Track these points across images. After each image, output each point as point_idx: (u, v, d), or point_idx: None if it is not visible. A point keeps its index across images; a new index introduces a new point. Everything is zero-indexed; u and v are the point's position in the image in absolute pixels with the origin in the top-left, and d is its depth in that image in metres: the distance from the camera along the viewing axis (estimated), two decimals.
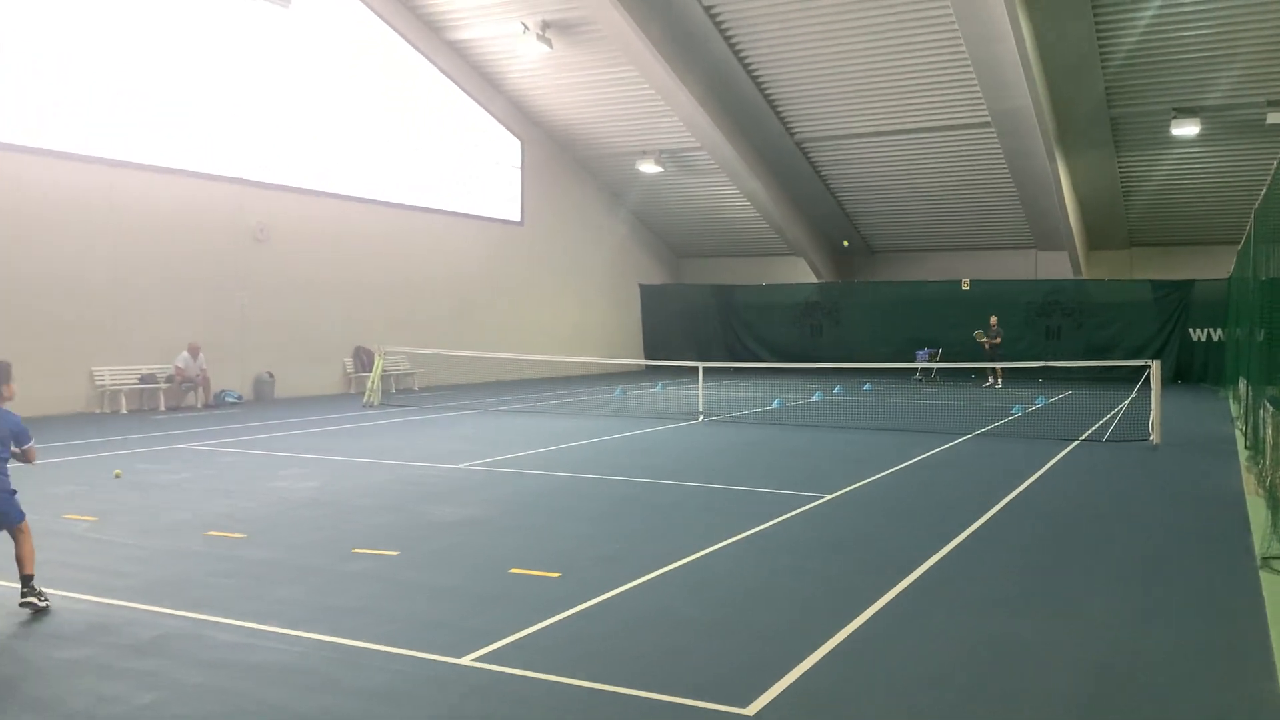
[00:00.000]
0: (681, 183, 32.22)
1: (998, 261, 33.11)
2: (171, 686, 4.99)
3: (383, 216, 25.25)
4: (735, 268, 36.95)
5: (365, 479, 11.28)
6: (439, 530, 8.59)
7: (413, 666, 5.25)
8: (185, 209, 20.53)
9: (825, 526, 8.86)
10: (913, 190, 30.54)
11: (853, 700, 4.82)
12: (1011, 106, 23.50)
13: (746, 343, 34.66)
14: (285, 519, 9.04)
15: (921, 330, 31.18)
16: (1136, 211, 29.79)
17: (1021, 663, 5.35)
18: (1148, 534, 8.64)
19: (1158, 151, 26.21)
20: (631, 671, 5.15)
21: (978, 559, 7.65)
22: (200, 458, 12.98)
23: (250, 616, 6.10)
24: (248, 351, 21.89)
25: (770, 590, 6.79)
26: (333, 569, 7.25)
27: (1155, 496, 10.50)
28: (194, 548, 7.92)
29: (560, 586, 6.76)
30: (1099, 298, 29.83)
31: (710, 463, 12.74)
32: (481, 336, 27.60)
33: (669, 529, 8.69)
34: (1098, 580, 7.06)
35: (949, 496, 10.41)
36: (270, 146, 22.48)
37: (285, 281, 22.65)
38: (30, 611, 6.18)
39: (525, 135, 30.10)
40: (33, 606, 6.20)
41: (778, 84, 26.09)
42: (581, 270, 32.90)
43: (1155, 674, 5.21)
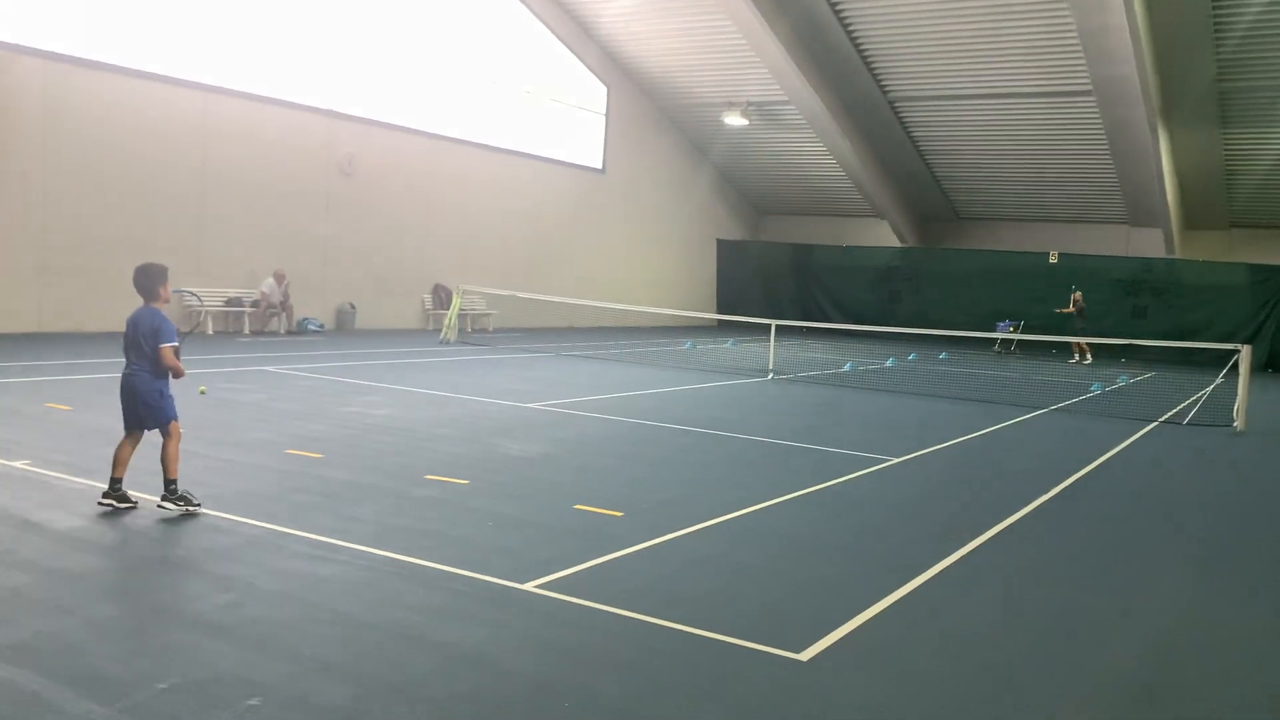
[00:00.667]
0: (766, 137, 31.84)
1: (1088, 236, 32.19)
2: (247, 589, 5.22)
3: (468, 156, 25.44)
4: (815, 227, 36.50)
5: (439, 411, 11.53)
6: (508, 463, 8.77)
7: (475, 588, 5.41)
8: (275, 138, 20.93)
9: (890, 488, 8.84)
10: (1005, 157, 29.77)
11: (906, 655, 4.85)
12: (1115, 75, 22.69)
13: (822, 304, 34.35)
14: (361, 442, 9.30)
15: (1004, 302, 30.54)
16: (1239, 192, 28.65)
17: (1080, 634, 5.32)
18: (1222, 518, 8.46)
19: (1267, 130, 25.12)
20: (687, 610, 5.25)
21: (1042, 531, 7.58)
22: (282, 380, 13.37)
23: (323, 531, 6.32)
24: (330, 282, 22.36)
25: (830, 545, 6.82)
26: (404, 492, 7.47)
27: (1232, 482, 10.25)
28: (273, 464, 8.20)
29: (622, 525, 6.88)
30: (1191, 278, 28.90)
31: (777, 419, 12.74)
32: (557, 282, 27.77)
33: (732, 479, 8.75)
34: (1164, 560, 6.96)
35: (1018, 469, 10.29)
36: (361, 81, 22.75)
37: (369, 215, 23.02)
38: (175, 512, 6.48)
39: (612, 82, 29.97)
40: (166, 510, 6.50)
41: (872, 38, 25.53)
42: (660, 221, 32.82)
43: (1219, 653, 5.14)
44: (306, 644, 4.54)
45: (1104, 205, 31.03)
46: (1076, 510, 8.38)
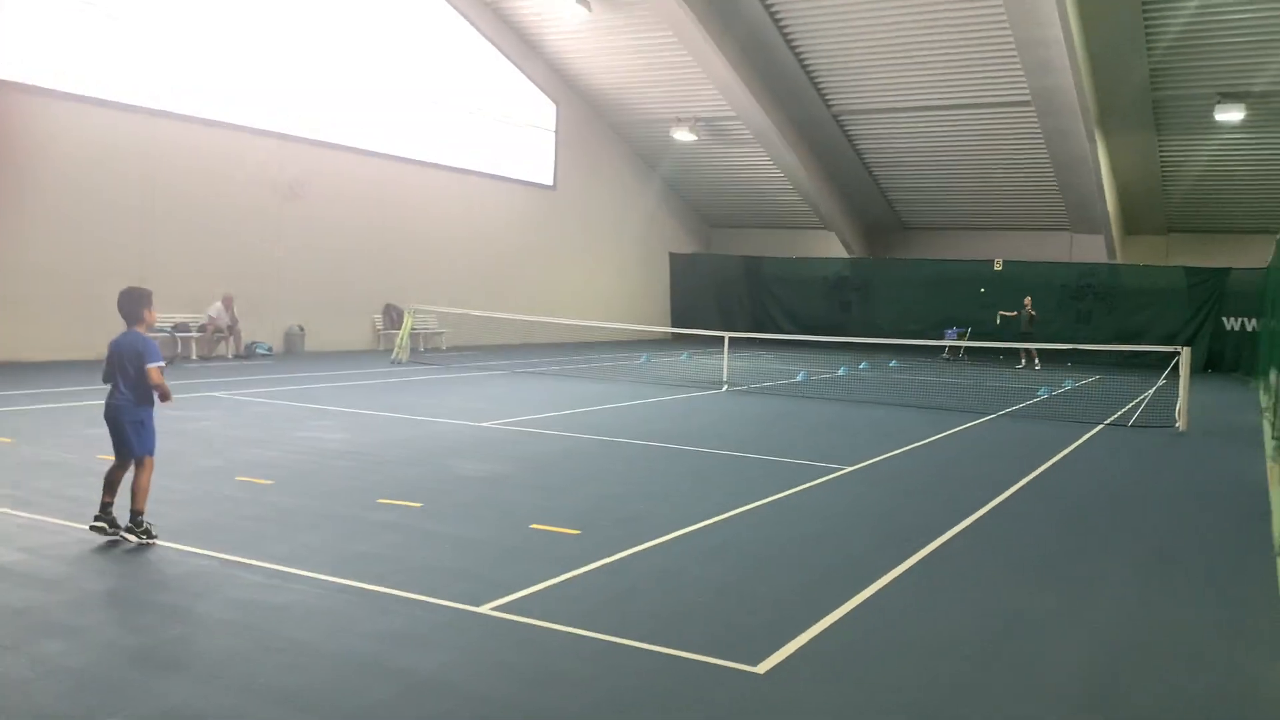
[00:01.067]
0: (715, 152, 32.08)
1: (1032, 243, 32.78)
2: (198, 621, 5.14)
3: (416, 176, 25.34)
4: (765, 239, 36.80)
5: (392, 433, 11.44)
6: (463, 484, 8.72)
7: (432, 612, 5.38)
8: (221, 161, 20.69)
9: (844, 497, 8.92)
10: (949, 167, 30.25)
11: (862, 664, 4.90)
12: (1052, 85, 23.19)
13: (774, 315, 34.60)
14: (313, 468, 9.20)
15: (952, 309, 31.00)
16: (1175, 197, 29.36)
17: (1032, 636, 5.41)
18: (1166, 519, 8.65)
19: (1200, 137, 25.79)
20: (645, 627, 5.25)
21: (994, 535, 7.69)
22: (231, 406, 13.19)
23: (276, 559, 6.25)
24: (279, 304, 22.11)
25: (786, 556, 6.86)
26: (358, 517, 7.40)
27: (1176, 483, 10.48)
28: (223, 492, 8.09)
29: (579, 543, 6.87)
30: (1132, 283, 29.54)
31: (733, 431, 12.81)
32: (510, 299, 27.70)
33: (688, 494, 8.78)
34: (1113, 561, 7.09)
35: (970, 473, 10.43)
36: (307, 102, 22.58)
37: (318, 237, 22.82)
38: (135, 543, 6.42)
39: (561, 99, 30.03)
40: (127, 541, 6.42)
41: (816, 54, 25.86)
42: (612, 236, 32.90)
43: (1166, 654, 5.25)
44: (260, 675, 4.49)
45: (1046, 212, 31.63)
46: (1027, 513, 8.51)
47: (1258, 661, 5.19)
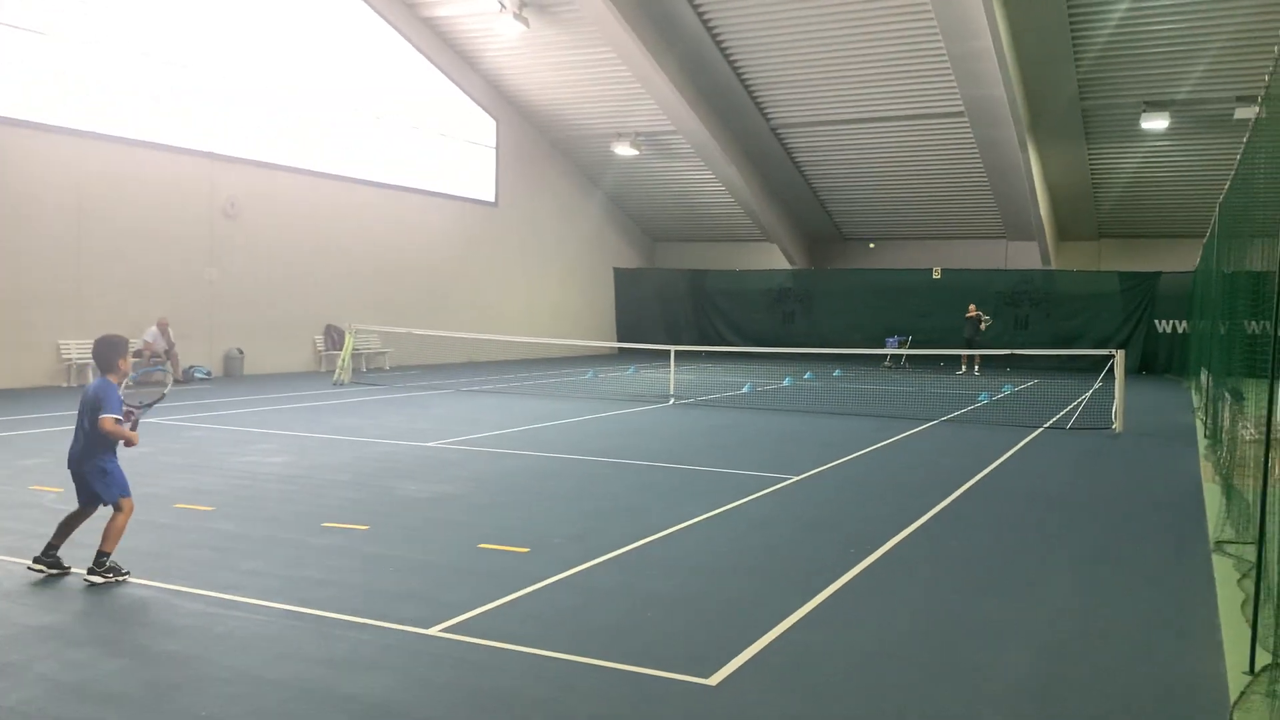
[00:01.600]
0: (657, 166, 32.22)
1: (969, 251, 33.39)
2: (138, 653, 5.02)
3: (356, 194, 25.10)
4: (709, 253, 37.03)
5: (335, 456, 11.28)
6: (409, 506, 8.63)
7: (380, 636, 5.31)
8: (154, 183, 20.31)
9: (792, 506, 8.97)
10: (886, 178, 30.70)
11: (812, 672, 4.93)
12: (985, 96, 23.66)
13: (719, 328, 34.79)
14: (254, 493, 9.05)
15: (892, 318, 31.45)
16: (1106, 204, 30.12)
17: (979, 639, 5.48)
18: (1106, 518, 8.83)
19: (1128, 144, 26.50)
20: (597, 643, 5.23)
21: (940, 540, 7.79)
22: (169, 432, 12.92)
23: (218, 587, 6.12)
24: (217, 327, 21.74)
25: (735, 567, 6.88)
26: (302, 542, 7.28)
27: (1115, 483, 10.70)
28: (162, 520, 7.91)
29: (528, 562, 6.83)
30: (1067, 288, 30.21)
31: (680, 444, 12.83)
32: (454, 317, 27.53)
33: (637, 508, 8.78)
34: (1056, 562, 7.22)
35: (914, 480, 10.56)
36: (242, 121, 22.27)
37: (255, 258, 22.48)
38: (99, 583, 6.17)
39: (500, 115, 29.97)
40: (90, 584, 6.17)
41: (754, 69, 26.13)
42: (555, 252, 32.85)
43: (1109, 651, 5.35)
44: (204, 705, 4.39)
45: (982, 221, 32.23)
46: (970, 517, 8.64)
47: (1195, 655, 5.31)
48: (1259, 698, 4.61)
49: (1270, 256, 6.25)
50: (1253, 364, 8.94)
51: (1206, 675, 5.02)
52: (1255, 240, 8.50)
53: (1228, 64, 22.13)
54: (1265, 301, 6.97)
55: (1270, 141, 7.10)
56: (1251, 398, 9.06)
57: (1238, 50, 21.54)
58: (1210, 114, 24.19)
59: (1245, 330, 9.68)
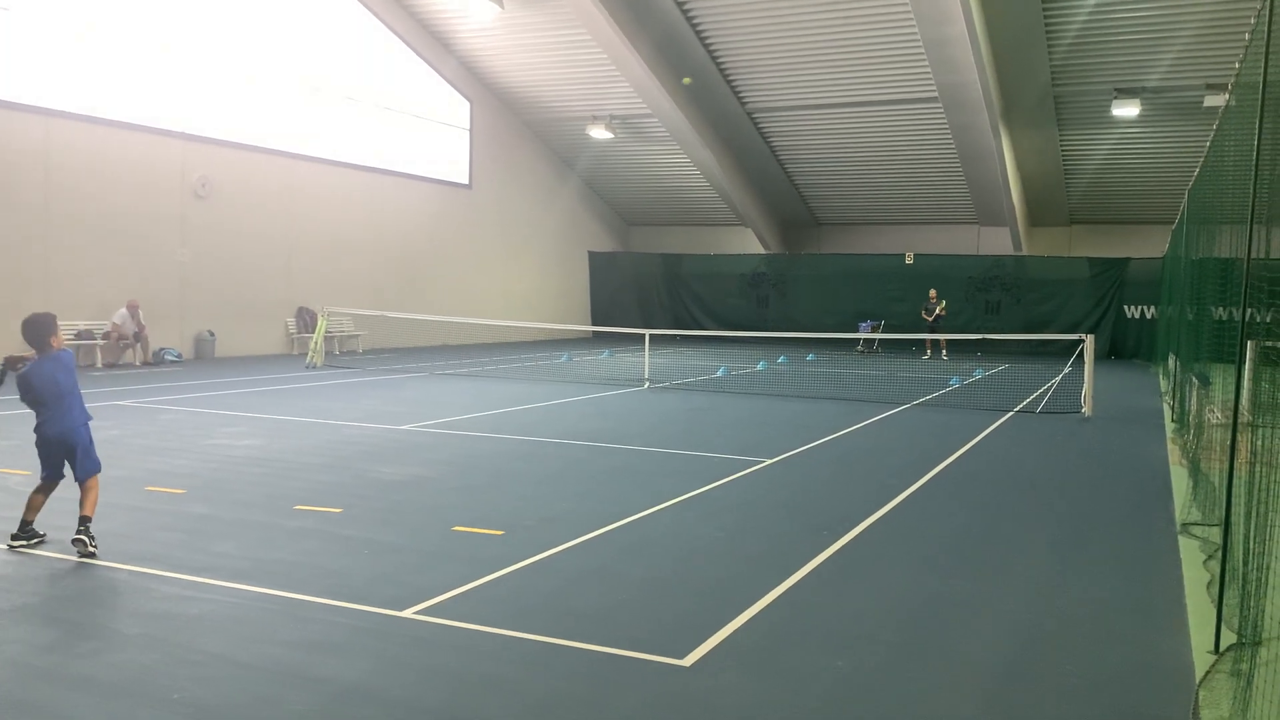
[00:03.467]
0: (632, 150, 32.13)
1: (941, 236, 33.56)
2: (110, 636, 4.99)
3: (329, 175, 24.88)
4: (684, 237, 37.02)
5: (308, 438, 11.22)
6: (382, 489, 8.60)
7: (353, 619, 5.30)
8: (124, 162, 20.05)
9: (765, 489, 9.02)
10: (860, 163, 30.77)
11: (786, 653, 4.97)
12: (958, 82, 23.74)
13: (693, 312, 34.83)
14: (226, 476, 8.99)
15: (865, 303, 31.63)
16: (1077, 190, 30.34)
17: (950, 620, 5.54)
18: (1076, 501, 8.93)
19: (1099, 131, 26.68)
20: (571, 625, 5.25)
21: (912, 522, 7.86)
22: (139, 415, 12.80)
23: (190, 569, 6.09)
24: (188, 310, 21.52)
25: (710, 549, 6.92)
26: (274, 525, 7.25)
27: (1084, 466, 10.83)
28: (133, 503, 7.85)
29: (502, 544, 6.83)
30: (1038, 273, 30.46)
31: (655, 428, 12.86)
32: (427, 300, 27.40)
33: (612, 491, 8.79)
34: (1026, 544, 7.31)
35: (886, 463, 10.64)
36: (214, 101, 22.00)
37: (227, 239, 22.26)
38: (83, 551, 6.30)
39: (475, 97, 29.77)
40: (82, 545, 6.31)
41: (729, 52, 26.08)
42: (530, 235, 32.73)
43: (1077, 632, 5.42)
44: (176, 688, 4.37)
45: (955, 206, 32.39)
46: (942, 500, 8.72)
47: (1163, 635, 5.39)
48: (1223, 676, 4.70)
49: (1238, 243, 6.33)
50: (1220, 349, 9.07)
51: (1173, 654, 5.10)
52: (1223, 227, 8.61)
53: (1197, 52, 22.30)
54: (1232, 288, 7.06)
55: (1239, 130, 7.18)
56: (1218, 382, 9.19)
57: (1207, 38, 21.71)
58: (1180, 101, 24.39)
59: (1212, 316, 9.81)
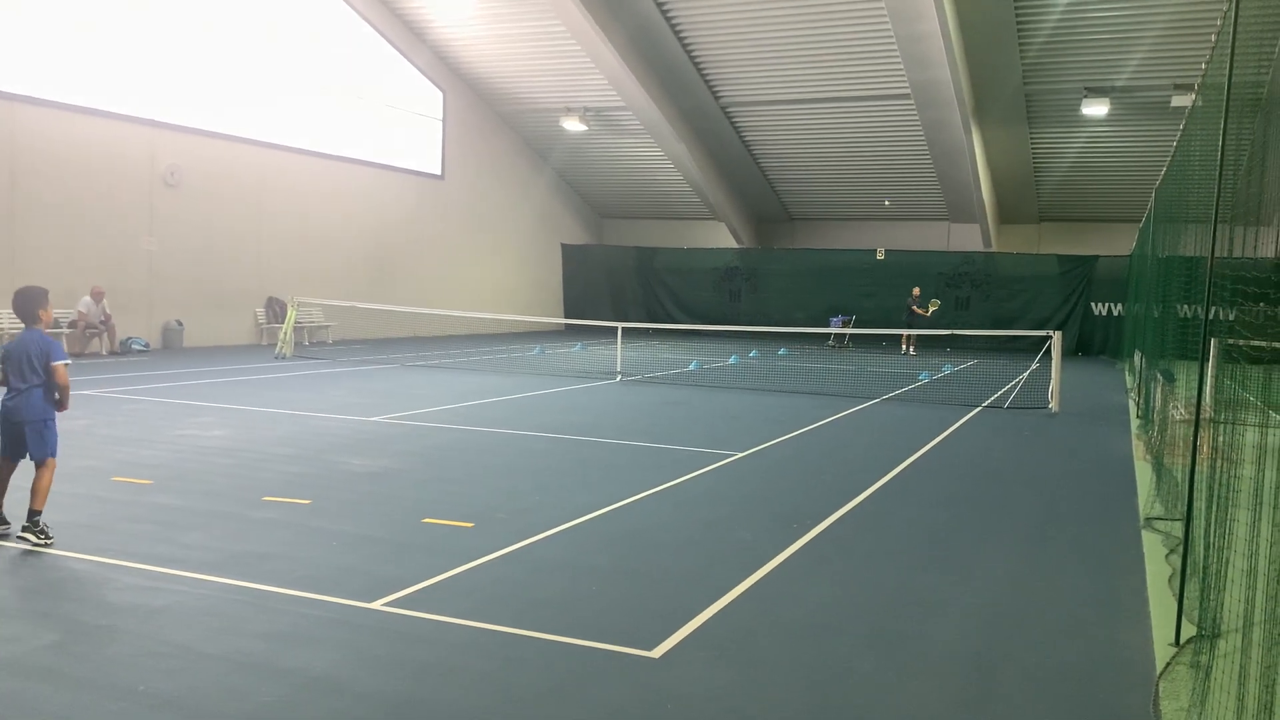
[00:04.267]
0: (606, 142, 32.08)
1: (912, 232, 33.77)
2: (74, 627, 4.94)
3: (300, 165, 24.67)
4: (657, 230, 37.03)
5: (277, 429, 11.14)
6: (352, 480, 8.56)
7: (322, 610, 5.28)
8: (91, 149, 19.78)
9: (736, 482, 9.06)
10: (833, 159, 30.90)
11: (754, 645, 5.00)
12: (931, 79, 23.87)
13: (666, 305, 34.87)
14: (194, 466, 8.91)
15: (837, 298, 31.80)
16: (1047, 188, 30.62)
17: (917, 612, 5.60)
18: (1042, 495, 9.03)
19: (1069, 130, 26.93)
20: (541, 616, 5.26)
21: (880, 516, 7.92)
22: (105, 404, 12.66)
23: (156, 561, 6.04)
24: (156, 299, 21.29)
25: (679, 541, 6.94)
26: (242, 516, 7.20)
27: (1050, 461, 10.95)
28: (99, 493, 7.77)
29: (473, 536, 6.82)
30: (1007, 270, 30.74)
31: (627, 421, 12.87)
32: (399, 291, 27.26)
33: (583, 484, 8.80)
34: (993, 537, 7.38)
35: (856, 457, 10.71)
36: (184, 88, 21.74)
37: (196, 228, 22.03)
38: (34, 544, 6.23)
39: (448, 87, 29.61)
40: (27, 542, 6.24)
41: (704, 46, 26.08)
42: (503, 227, 32.62)
43: (1042, 623, 5.49)
44: (141, 680, 4.34)
45: (926, 203, 32.59)
46: (910, 493, 8.79)
47: (1124, 627, 5.47)
48: (1183, 668, 4.78)
49: (1202, 242, 6.42)
50: (1184, 347, 9.19)
51: (1135, 646, 5.18)
52: (1188, 226, 8.72)
53: (1165, 52, 22.55)
54: (1197, 286, 7.16)
55: (1205, 130, 7.27)
56: (1182, 379, 9.32)
57: (1175, 38, 21.95)
58: (1148, 101, 24.65)
59: (1177, 314, 9.94)
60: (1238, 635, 4.56)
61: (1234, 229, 5.11)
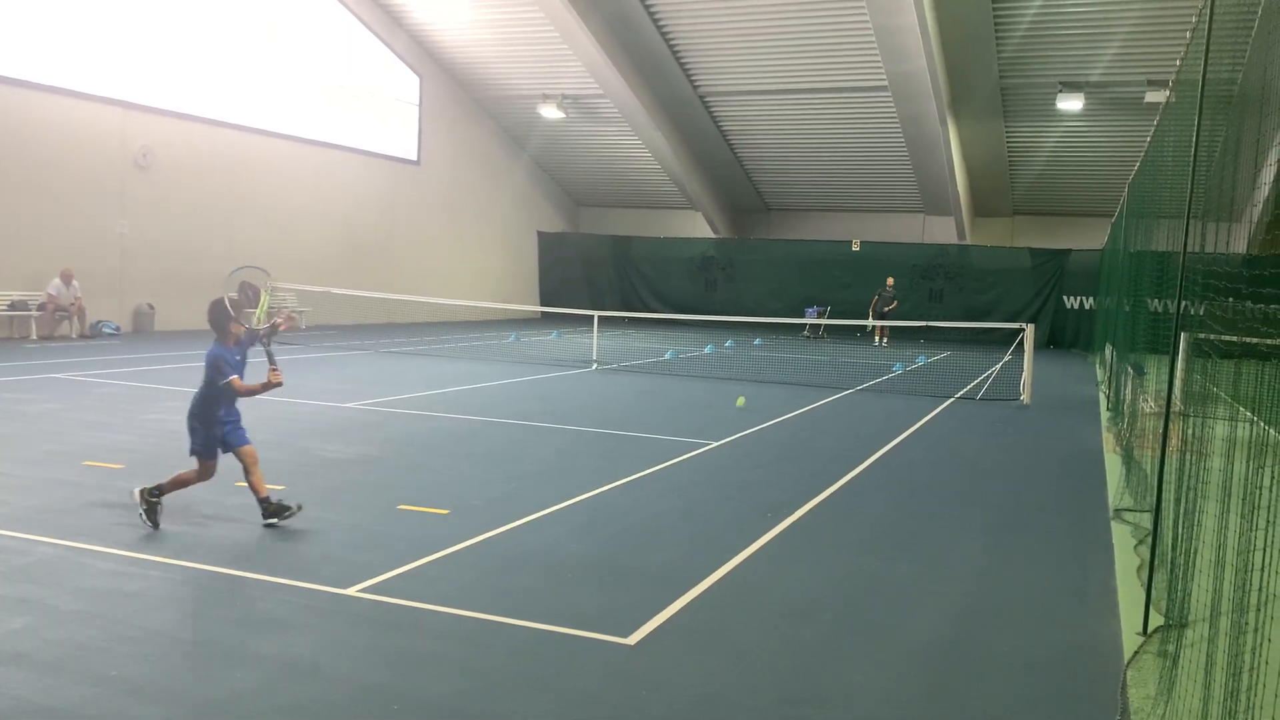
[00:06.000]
0: (583, 130, 32.00)
1: (888, 224, 33.93)
2: (45, 612, 4.90)
3: (274, 148, 24.45)
4: (634, 219, 37.00)
5: (249, 415, 10.98)
6: (326, 467, 8.53)
7: (297, 596, 5.26)
8: (61, 129, 19.52)
9: (711, 471, 9.09)
10: (810, 150, 30.97)
11: (729, 631, 5.03)
12: (908, 71, 23.95)
13: (642, 294, 34.87)
14: (166, 451, 8.83)
15: (812, 288, 31.91)
16: (1021, 181, 30.84)
17: (889, 601, 5.65)
18: (1013, 486, 9.12)
19: (1044, 124, 27.12)
20: (517, 603, 5.26)
21: (853, 505, 7.97)
22: (75, 388, 12.52)
23: (128, 546, 5.99)
24: (127, 282, 21.07)
25: (655, 529, 6.96)
26: (216, 502, 7.16)
27: (1022, 452, 11.05)
28: (70, 477, 7.70)
29: (448, 523, 6.81)
30: (981, 263, 30.97)
31: (602, 409, 12.88)
32: (374, 277, 27.09)
33: (559, 471, 8.80)
34: (964, 528, 7.45)
35: (829, 446, 10.77)
36: (157, 69, 21.48)
37: (169, 211, 21.80)
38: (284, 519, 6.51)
39: (425, 72, 29.41)
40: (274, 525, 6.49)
41: (682, 34, 26.05)
42: (479, 214, 32.49)
43: (1012, 614, 5.55)
44: (113, 665, 4.31)
45: (901, 195, 32.76)
46: (883, 484, 8.85)
47: (1093, 616, 5.55)
48: (1151, 656, 4.85)
49: (1174, 238, 6.49)
50: (1155, 340, 9.30)
51: (1103, 636, 5.25)
52: (1161, 221, 8.82)
53: (1140, 47, 22.74)
54: (1168, 281, 7.24)
55: (1178, 126, 7.35)
56: (1152, 373, 9.43)
57: (1150, 34, 22.15)
58: (1122, 96, 24.86)
59: (1148, 308, 10.05)
60: (1204, 625, 4.63)
61: (1206, 224, 5.17)
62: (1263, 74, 4.29)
